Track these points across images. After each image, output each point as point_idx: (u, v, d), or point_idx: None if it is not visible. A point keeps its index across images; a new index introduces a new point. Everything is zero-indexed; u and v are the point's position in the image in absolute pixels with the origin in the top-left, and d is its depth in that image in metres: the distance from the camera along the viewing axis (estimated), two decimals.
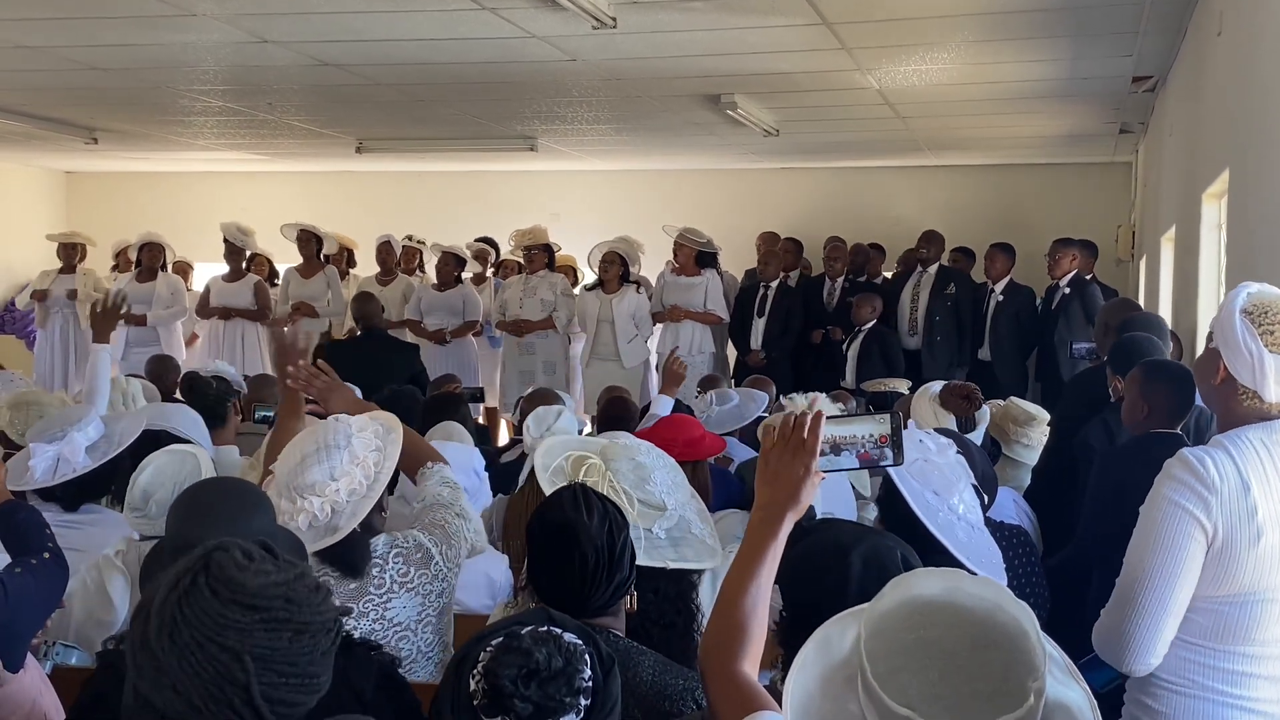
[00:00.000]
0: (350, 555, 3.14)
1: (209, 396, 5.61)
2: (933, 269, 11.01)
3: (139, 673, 1.74)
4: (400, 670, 2.62)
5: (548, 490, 3.05)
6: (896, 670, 1.58)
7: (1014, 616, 1.60)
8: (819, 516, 3.55)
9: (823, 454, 2.26)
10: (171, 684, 1.70)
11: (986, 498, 4.09)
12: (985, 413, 5.55)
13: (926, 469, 3.07)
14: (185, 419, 5.10)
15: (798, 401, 4.49)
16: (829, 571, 2.40)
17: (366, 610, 3.15)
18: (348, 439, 3.17)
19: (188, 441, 4.56)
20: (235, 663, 1.69)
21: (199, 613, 1.71)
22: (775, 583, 2.54)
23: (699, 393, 6.53)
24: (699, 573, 3.11)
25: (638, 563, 2.84)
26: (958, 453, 3.30)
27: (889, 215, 13.26)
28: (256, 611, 1.72)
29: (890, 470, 2.95)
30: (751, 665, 2.21)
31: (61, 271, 11.47)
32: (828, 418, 2.29)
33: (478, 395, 8.43)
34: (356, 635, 3.05)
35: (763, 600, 2.25)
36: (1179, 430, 4.35)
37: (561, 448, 3.34)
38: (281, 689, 1.72)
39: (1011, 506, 4.76)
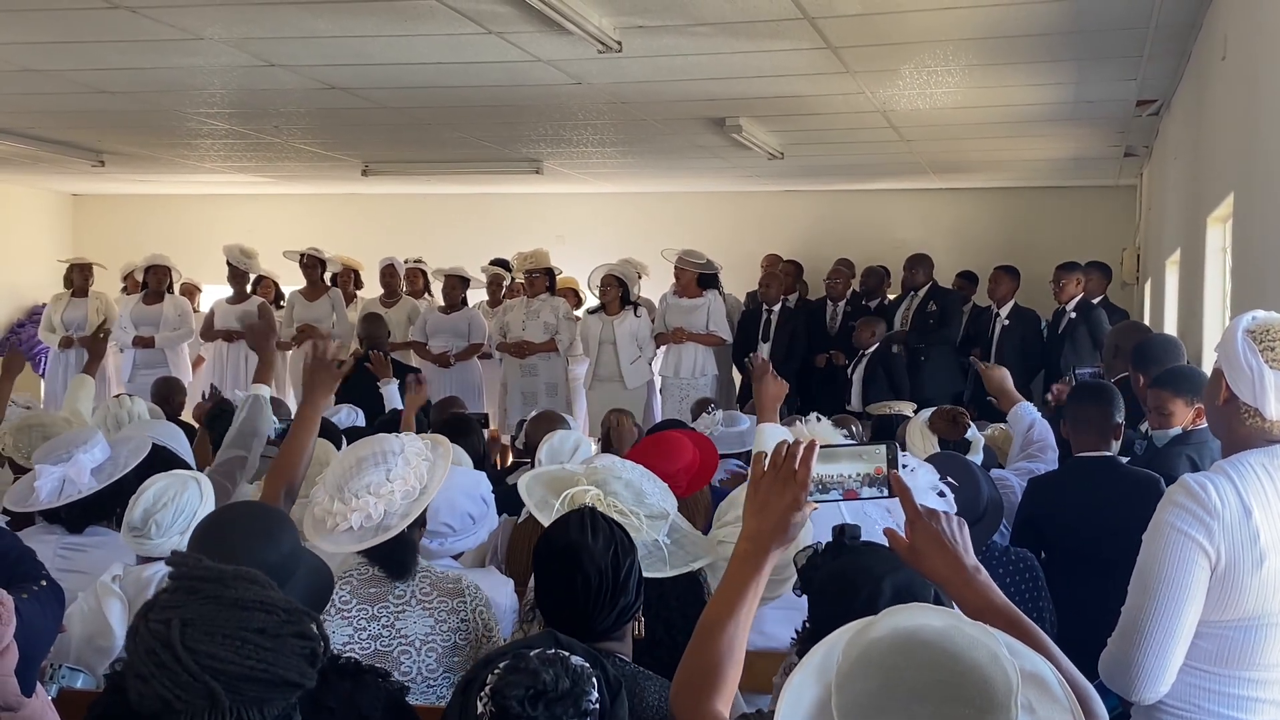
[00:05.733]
0: (400, 554, 3.27)
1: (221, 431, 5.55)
2: (923, 292, 11.04)
3: (120, 682, 2.00)
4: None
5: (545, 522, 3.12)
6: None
7: (1005, 672, 1.51)
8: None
9: (810, 494, 2.21)
10: (136, 672, 1.93)
11: (993, 523, 4.10)
12: (978, 437, 5.55)
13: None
14: (167, 433, 5.17)
15: (801, 428, 4.47)
16: (858, 593, 2.36)
17: (379, 615, 3.21)
18: (402, 447, 3.34)
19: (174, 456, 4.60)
20: (164, 626, 1.92)
21: (159, 608, 1.96)
22: (803, 593, 2.52)
23: (708, 413, 6.52)
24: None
25: (673, 573, 2.97)
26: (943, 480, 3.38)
27: (893, 238, 13.28)
28: (195, 593, 1.96)
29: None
30: (724, 704, 2.17)
31: (74, 295, 11.40)
32: (821, 447, 2.23)
33: (482, 421, 8.43)
34: (364, 635, 3.17)
35: (740, 637, 2.19)
36: (1110, 453, 4.56)
37: (540, 485, 3.43)
38: (205, 642, 1.90)
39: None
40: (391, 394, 7.57)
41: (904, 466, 3.31)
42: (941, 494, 3.45)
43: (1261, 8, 4.59)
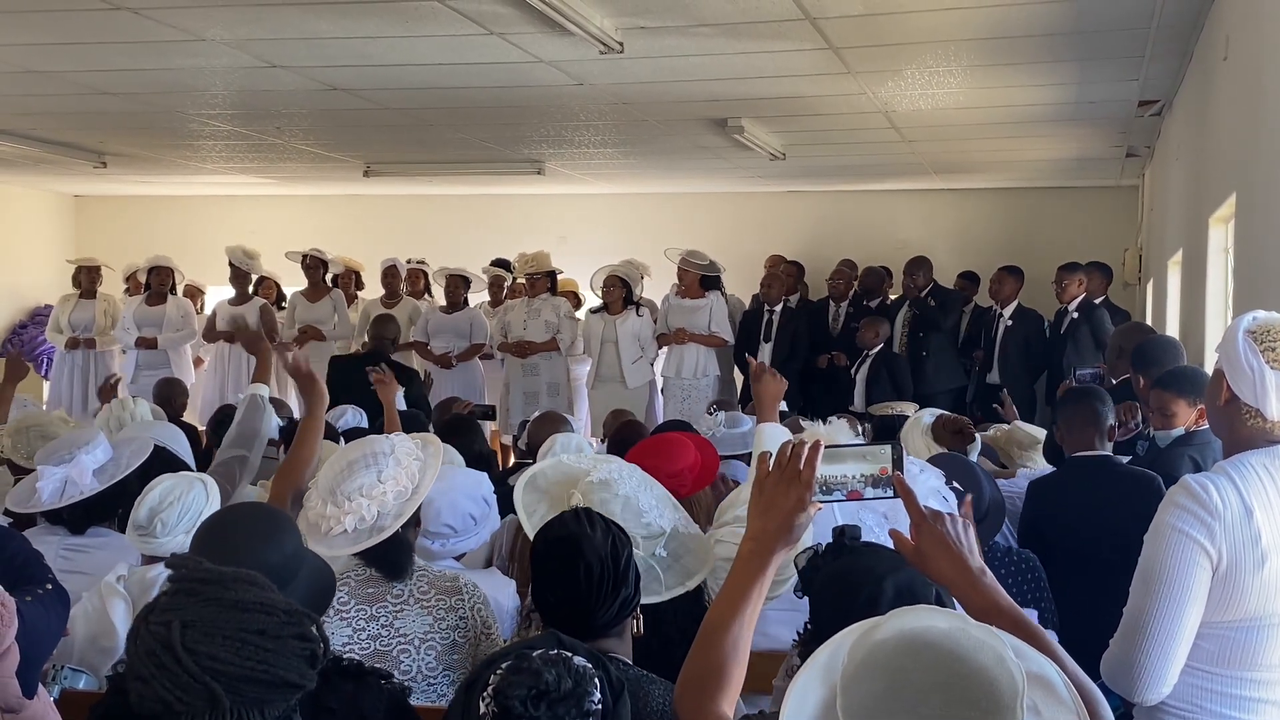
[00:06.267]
0: (395, 555, 3.28)
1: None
2: (924, 294, 11.06)
3: (121, 683, 2.00)
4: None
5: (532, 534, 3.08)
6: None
7: (1011, 675, 1.51)
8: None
9: (814, 495, 2.21)
10: (136, 674, 1.93)
11: (995, 524, 4.10)
12: (976, 442, 5.58)
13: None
14: (168, 434, 5.19)
15: (818, 428, 4.46)
16: (860, 593, 2.35)
17: (378, 615, 3.21)
18: (393, 447, 3.35)
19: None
20: (164, 628, 1.92)
21: (159, 610, 1.96)
22: (804, 594, 2.52)
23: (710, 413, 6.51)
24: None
25: (668, 595, 2.95)
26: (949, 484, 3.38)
27: (895, 238, 13.28)
28: (195, 595, 1.96)
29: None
30: (729, 705, 2.18)
31: (82, 296, 11.42)
32: (826, 447, 2.23)
33: (489, 413, 8.44)
34: (363, 635, 3.18)
35: (745, 638, 2.20)
36: (1106, 451, 4.61)
37: (537, 495, 3.37)
38: (205, 643, 1.90)
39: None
40: (397, 399, 7.56)
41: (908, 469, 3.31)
42: (944, 497, 3.45)
43: (1263, 8, 4.59)
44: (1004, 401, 7.48)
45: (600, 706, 2.03)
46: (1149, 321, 10.03)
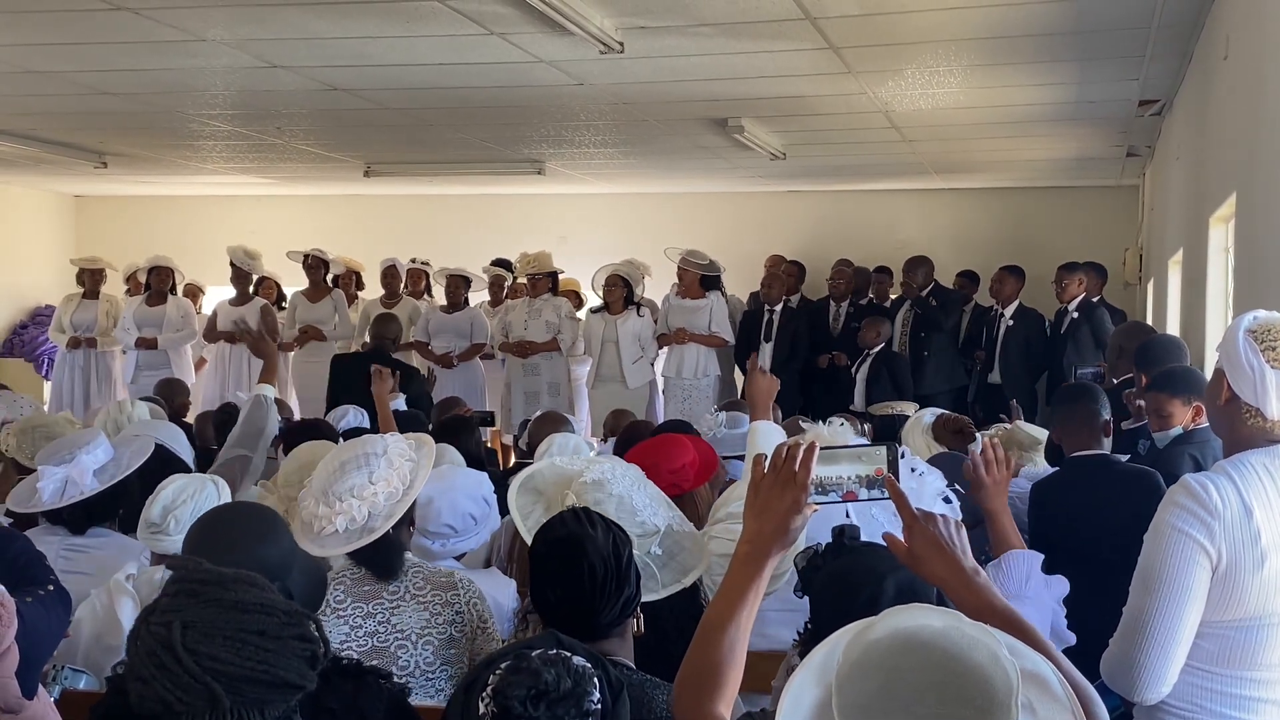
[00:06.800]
0: (384, 557, 3.29)
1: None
2: (925, 293, 11.06)
3: (121, 684, 2.01)
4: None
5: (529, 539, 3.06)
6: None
7: (1006, 672, 1.51)
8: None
9: (809, 496, 2.20)
10: (136, 675, 1.94)
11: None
12: (977, 442, 5.58)
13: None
14: (168, 434, 5.21)
15: (821, 429, 4.46)
16: (860, 592, 2.35)
17: (375, 612, 3.24)
18: (384, 448, 3.35)
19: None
20: (165, 629, 1.93)
21: (159, 611, 1.98)
22: (804, 594, 2.52)
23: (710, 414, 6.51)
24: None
25: (664, 593, 2.95)
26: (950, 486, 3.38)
27: (895, 238, 13.28)
28: (195, 596, 1.97)
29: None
30: (726, 706, 2.19)
31: (85, 296, 11.43)
32: (822, 449, 2.23)
33: (487, 420, 8.41)
34: (360, 632, 3.19)
35: (741, 639, 2.21)
36: (1104, 449, 4.61)
37: (530, 495, 3.37)
38: (205, 644, 1.91)
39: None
40: (398, 402, 7.55)
41: (913, 470, 3.31)
42: (947, 500, 3.45)
43: (1264, 8, 4.59)
44: (1011, 410, 7.39)
45: (600, 706, 2.03)
46: (1149, 321, 10.03)
